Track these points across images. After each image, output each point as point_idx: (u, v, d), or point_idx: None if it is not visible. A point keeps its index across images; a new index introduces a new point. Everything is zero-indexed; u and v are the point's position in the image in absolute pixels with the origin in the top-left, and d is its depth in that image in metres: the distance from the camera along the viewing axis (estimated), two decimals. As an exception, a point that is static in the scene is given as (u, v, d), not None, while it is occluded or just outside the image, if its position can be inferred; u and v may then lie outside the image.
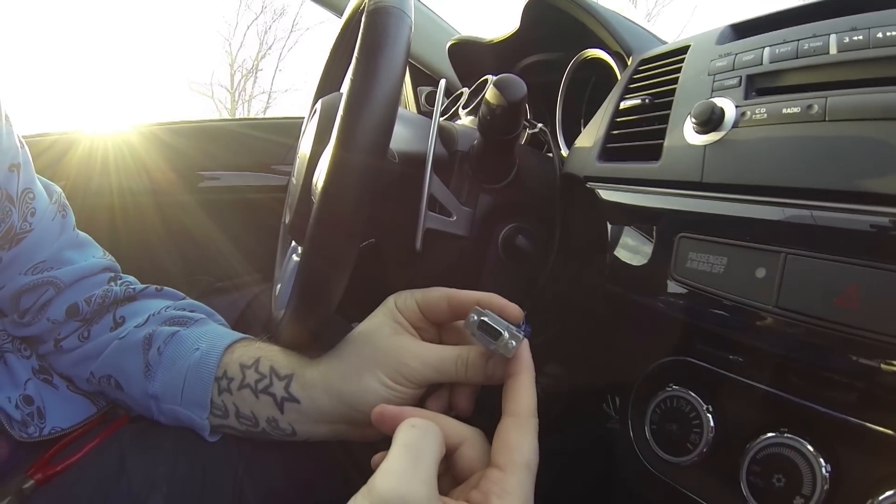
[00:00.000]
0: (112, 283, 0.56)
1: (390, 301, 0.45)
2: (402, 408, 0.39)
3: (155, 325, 0.53)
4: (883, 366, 0.30)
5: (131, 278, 0.59)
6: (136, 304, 0.56)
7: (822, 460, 0.33)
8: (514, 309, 0.41)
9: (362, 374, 0.42)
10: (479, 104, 0.71)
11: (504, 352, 0.37)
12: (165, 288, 0.60)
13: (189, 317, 0.55)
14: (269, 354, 0.48)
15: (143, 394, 0.51)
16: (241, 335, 0.53)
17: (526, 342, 0.39)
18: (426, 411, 0.38)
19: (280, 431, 0.46)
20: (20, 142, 0.51)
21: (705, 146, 0.41)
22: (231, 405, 0.48)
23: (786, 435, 0.34)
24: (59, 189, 0.57)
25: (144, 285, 0.58)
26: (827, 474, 0.32)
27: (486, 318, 0.37)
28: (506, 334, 0.37)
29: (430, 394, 0.44)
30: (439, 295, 0.43)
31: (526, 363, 0.38)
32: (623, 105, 0.53)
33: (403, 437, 0.32)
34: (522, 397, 0.37)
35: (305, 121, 0.64)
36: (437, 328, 0.46)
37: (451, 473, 0.37)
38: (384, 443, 0.41)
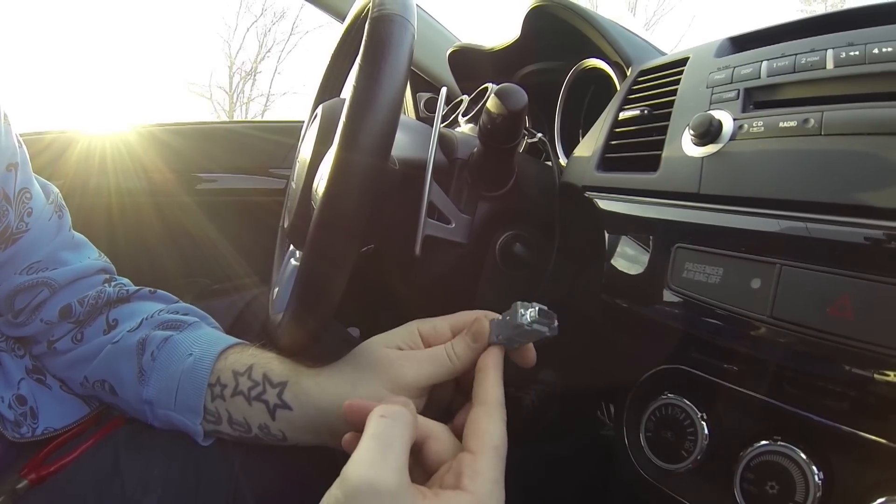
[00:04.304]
0: (106, 285, 0.56)
1: (413, 328, 0.46)
2: (370, 402, 0.39)
3: (148, 329, 0.53)
4: (875, 375, 0.31)
5: (125, 280, 0.59)
6: (129, 307, 0.56)
7: (814, 468, 0.33)
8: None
9: (359, 387, 0.43)
10: (478, 112, 0.72)
11: (553, 332, 0.39)
12: (159, 291, 0.59)
13: (182, 321, 0.55)
14: (263, 361, 0.48)
15: (137, 399, 0.51)
16: (234, 340, 0.53)
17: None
18: (394, 404, 0.38)
19: (272, 437, 0.46)
20: (18, 141, 0.51)
21: (703, 158, 0.42)
22: (224, 411, 0.47)
23: (779, 443, 0.35)
24: (55, 189, 0.57)
25: (138, 287, 0.58)
26: (819, 481, 0.33)
27: (536, 308, 0.39)
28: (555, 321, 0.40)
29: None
30: (441, 328, 0.45)
31: (494, 357, 0.40)
32: (622, 115, 0.53)
33: (373, 428, 0.33)
34: (490, 388, 0.39)
35: (305, 125, 0.64)
36: None
37: (421, 467, 0.38)
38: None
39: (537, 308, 0.39)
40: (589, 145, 0.55)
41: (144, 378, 0.50)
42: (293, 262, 0.67)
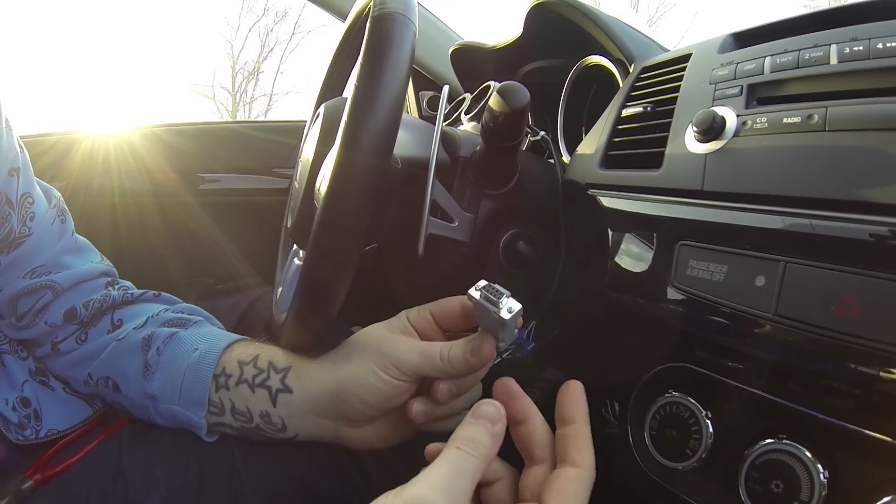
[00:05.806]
0: (110, 288, 0.56)
1: (402, 314, 0.46)
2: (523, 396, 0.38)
3: (154, 326, 0.53)
4: (881, 373, 0.30)
5: (128, 283, 0.59)
6: (134, 308, 0.57)
7: (819, 466, 0.33)
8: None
9: (353, 363, 0.44)
10: (481, 110, 0.71)
11: (504, 315, 0.35)
12: (163, 293, 0.60)
13: (188, 319, 0.55)
14: (269, 351, 0.49)
15: (140, 394, 0.51)
16: (239, 336, 0.53)
17: (579, 386, 0.37)
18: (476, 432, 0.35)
19: (272, 427, 0.47)
20: (20, 145, 0.52)
21: (706, 154, 0.42)
22: (227, 401, 0.48)
23: (784, 441, 0.35)
24: (58, 193, 0.57)
25: (142, 290, 0.59)
26: (825, 480, 0.33)
27: (489, 286, 0.36)
28: (505, 298, 0.35)
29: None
30: (454, 302, 0.44)
31: (584, 409, 0.36)
32: (625, 112, 0.53)
33: (448, 455, 0.32)
34: (585, 448, 0.34)
35: (308, 125, 0.64)
36: (446, 337, 0.46)
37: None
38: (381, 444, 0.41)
39: (483, 284, 0.36)
40: (592, 143, 0.55)
41: (149, 373, 0.51)
42: (296, 261, 0.67)
